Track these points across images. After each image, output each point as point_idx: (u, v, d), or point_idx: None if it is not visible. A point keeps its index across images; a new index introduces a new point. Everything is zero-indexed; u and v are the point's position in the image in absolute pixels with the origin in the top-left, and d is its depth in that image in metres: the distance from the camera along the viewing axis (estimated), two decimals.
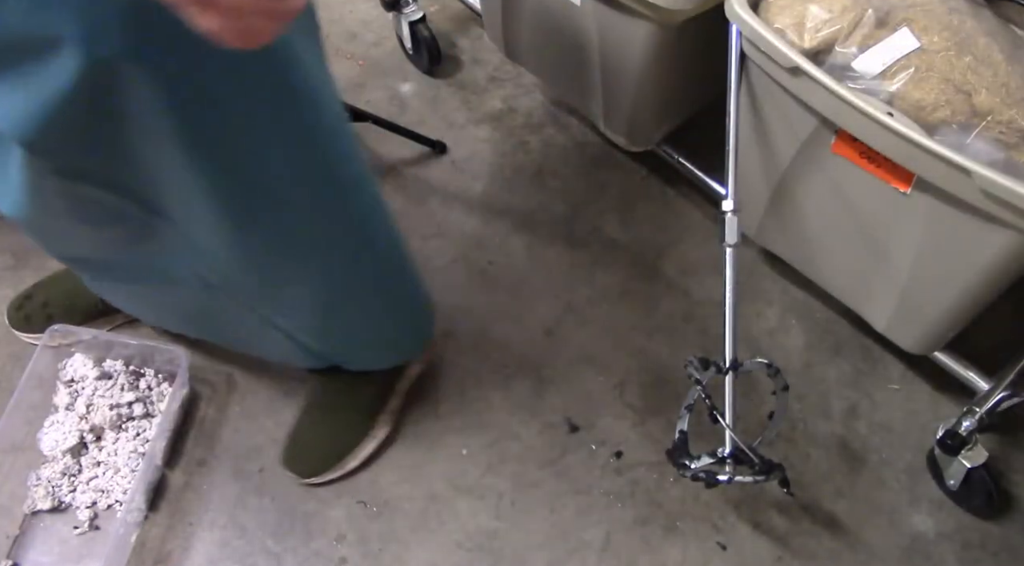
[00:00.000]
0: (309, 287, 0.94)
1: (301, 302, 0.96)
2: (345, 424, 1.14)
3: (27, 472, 1.12)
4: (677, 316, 1.29)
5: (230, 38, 0.50)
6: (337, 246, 0.91)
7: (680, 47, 1.16)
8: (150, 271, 0.95)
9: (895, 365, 1.24)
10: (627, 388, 1.22)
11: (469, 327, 1.28)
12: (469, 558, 1.08)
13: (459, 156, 1.48)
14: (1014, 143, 0.89)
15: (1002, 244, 0.90)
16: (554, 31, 1.30)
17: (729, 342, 0.98)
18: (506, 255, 1.36)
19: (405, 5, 1.53)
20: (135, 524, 1.09)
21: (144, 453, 1.13)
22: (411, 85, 1.59)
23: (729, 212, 1.00)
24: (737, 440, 0.96)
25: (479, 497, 1.13)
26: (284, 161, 0.79)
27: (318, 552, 1.09)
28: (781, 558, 1.08)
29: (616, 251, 1.36)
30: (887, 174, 0.96)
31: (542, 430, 1.18)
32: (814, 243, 1.16)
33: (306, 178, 0.82)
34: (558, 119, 1.53)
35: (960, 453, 1.05)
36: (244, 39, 0.50)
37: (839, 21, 0.96)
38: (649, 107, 1.28)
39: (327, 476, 1.13)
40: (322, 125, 0.80)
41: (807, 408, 1.20)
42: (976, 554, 1.08)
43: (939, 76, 0.91)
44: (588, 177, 1.45)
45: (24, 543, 1.09)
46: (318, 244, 0.89)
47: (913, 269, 1.03)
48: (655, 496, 1.13)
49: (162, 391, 1.19)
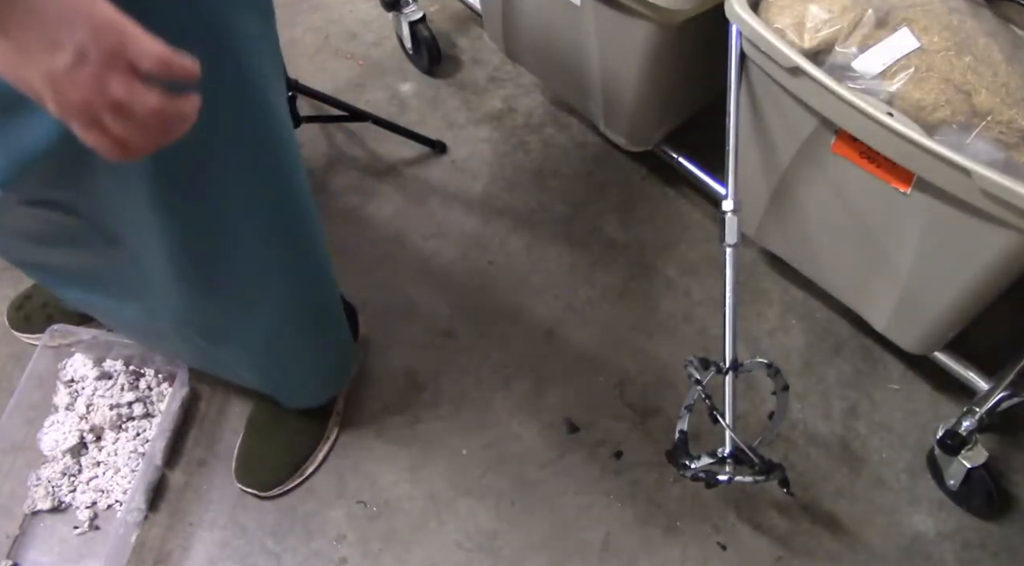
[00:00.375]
0: (253, 328, 0.94)
1: (243, 342, 0.96)
2: (298, 430, 1.14)
3: (27, 472, 1.12)
4: (677, 316, 1.29)
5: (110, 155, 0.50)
6: (286, 287, 0.91)
7: (680, 47, 1.16)
8: (103, 287, 0.93)
9: (895, 365, 1.24)
10: (627, 388, 1.22)
11: (469, 327, 1.28)
12: (469, 558, 1.08)
13: (459, 156, 1.48)
14: (1014, 143, 0.89)
15: (1002, 244, 0.90)
16: (554, 31, 1.30)
17: (729, 342, 0.98)
18: (506, 255, 1.36)
19: (405, 5, 1.53)
20: (135, 524, 1.09)
21: (144, 453, 1.13)
22: (411, 85, 1.59)
23: (729, 212, 1.00)
24: (737, 440, 0.96)
25: (479, 497, 1.13)
26: (246, 201, 0.79)
27: (318, 552, 1.09)
28: (781, 558, 1.08)
29: (616, 251, 1.36)
30: (887, 174, 0.96)
31: (542, 430, 1.18)
32: (814, 243, 1.16)
33: (265, 217, 0.82)
34: (558, 119, 1.53)
35: (960, 453, 1.05)
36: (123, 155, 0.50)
37: (839, 21, 0.96)
38: (649, 107, 1.28)
39: (288, 485, 1.13)
40: (284, 163, 0.80)
41: (807, 408, 1.20)
42: (976, 554, 1.08)
43: (939, 76, 0.91)
44: (588, 177, 1.45)
45: (24, 543, 1.09)
46: (268, 286, 0.89)
47: (913, 269, 1.03)
48: (655, 496, 1.13)
49: (162, 391, 1.19)
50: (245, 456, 1.14)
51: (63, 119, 0.48)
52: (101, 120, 0.48)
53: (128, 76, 0.47)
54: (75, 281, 0.93)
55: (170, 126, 0.50)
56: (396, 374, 1.23)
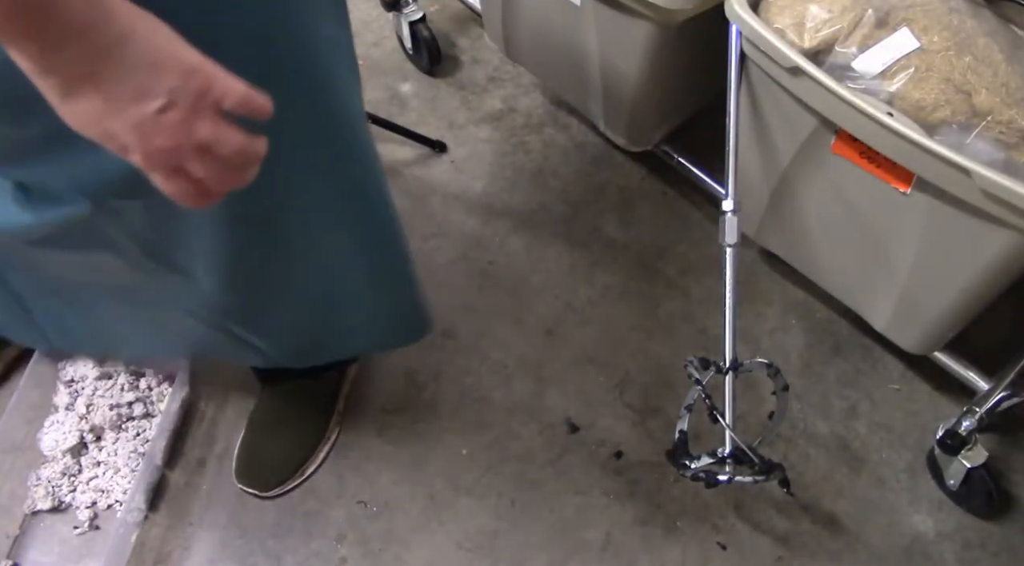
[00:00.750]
0: (305, 296, 0.92)
1: (291, 313, 0.94)
2: (300, 430, 1.14)
3: (27, 472, 1.12)
4: (677, 316, 1.29)
5: (190, 201, 0.51)
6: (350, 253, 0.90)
7: (680, 47, 1.16)
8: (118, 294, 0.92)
9: (895, 365, 1.23)
10: (627, 388, 1.22)
11: (469, 327, 1.28)
12: (469, 558, 1.08)
13: (459, 156, 1.48)
14: (1014, 143, 0.89)
15: (1002, 244, 0.90)
16: (554, 31, 1.30)
17: (729, 342, 0.98)
18: (506, 255, 1.36)
19: (405, 5, 1.53)
20: (135, 524, 1.09)
21: (144, 453, 1.13)
22: (411, 85, 1.59)
23: (729, 212, 1.00)
24: (737, 440, 0.96)
25: (479, 497, 1.13)
26: (323, 197, 0.79)
27: (318, 552, 1.09)
28: (781, 558, 1.08)
29: (616, 251, 1.36)
30: (887, 174, 0.96)
31: (542, 430, 1.18)
32: (814, 243, 1.16)
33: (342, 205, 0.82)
34: (558, 119, 1.53)
35: (960, 453, 1.05)
36: (202, 201, 0.51)
37: (839, 21, 0.96)
38: (649, 107, 1.28)
39: (288, 485, 1.13)
40: (363, 162, 0.81)
41: (807, 408, 1.20)
42: (976, 554, 1.08)
43: (939, 76, 0.91)
44: (588, 177, 1.45)
45: (24, 543, 1.09)
46: (329, 262, 0.88)
47: (913, 269, 1.03)
48: (655, 496, 1.13)
49: (162, 391, 1.19)
50: (245, 456, 1.14)
51: (147, 169, 0.48)
52: (185, 166, 0.48)
53: (215, 117, 0.47)
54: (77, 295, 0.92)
55: (249, 166, 0.51)
56: (396, 374, 1.23)
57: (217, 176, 0.49)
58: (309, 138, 0.72)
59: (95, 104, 0.45)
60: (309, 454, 1.14)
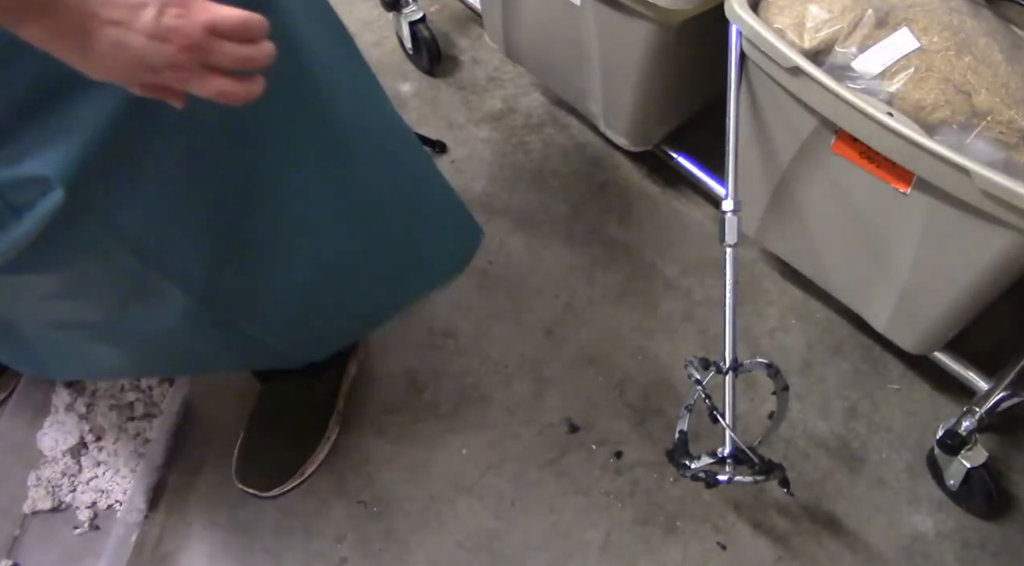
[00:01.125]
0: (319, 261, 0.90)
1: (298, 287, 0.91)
2: (300, 430, 1.14)
3: (27, 472, 1.12)
4: (677, 316, 1.29)
5: (234, 92, 0.54)
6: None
7: (680, 47, 1.16)
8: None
9: (895, 365, 1.23)
10: (627, 388, 1.22)
11: (469, 327, 1.28)
12: (469, 558, 1.08)
13: (459, 156, 1.48)
14: (1014, 143, 0.89)
15: (1002, 244, 0.90)
16: (554, 31, 1.30)
17: (729, 342, 0.98)
18: (506, 255, 1.36)
19: (405, 5, 1.53)
20: (135, 524, 1.09)
21: (144, 453, 1.13)
22: (411, 85, 1.59)
23: (729, 212, 1.00)
24: (737, 440, 0.96)
25: (479, 497, 1.13)
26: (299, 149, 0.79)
27: (318, 552, 1.09)
28: (781, 558, 1.08)
29: (616, 251, 1.36)
30: (887, 174, 0.96)
31: (542, 430, 1.18)
32: (814, 243, 1.16)
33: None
34: (558, 119, 1.53)
35: (960, 453, 1.05)
36: (246, 91, 0.54)
37: (839, 21, 0.96)
38: (649, 107, 1.28)
39: (288, 485, 1.13)
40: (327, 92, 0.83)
41: (807, 408, 1.20)
42: (976, 554, 1.08)
43: (939, 76, 0.91)
44: (588, 177, 1.45)
45: (24, 543, 1.09)
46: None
47: (913, 269, 1.03)
48: (655, 496, 1.13)
49: (162, 391, 1.19)
50: (245, 456, 1.14)
51: (183, 79, 0.52)
52: (210, 60, 0.52)
53: (204, 3, 0.51)
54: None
55: (258, 39, 0.54)
56: (396, 374, 1.23)
57: (240, 56, 0.53)
58: (283, 93, 0.71)
59: (111, 36, 0.49)
60: (309, 454, 1.14)
